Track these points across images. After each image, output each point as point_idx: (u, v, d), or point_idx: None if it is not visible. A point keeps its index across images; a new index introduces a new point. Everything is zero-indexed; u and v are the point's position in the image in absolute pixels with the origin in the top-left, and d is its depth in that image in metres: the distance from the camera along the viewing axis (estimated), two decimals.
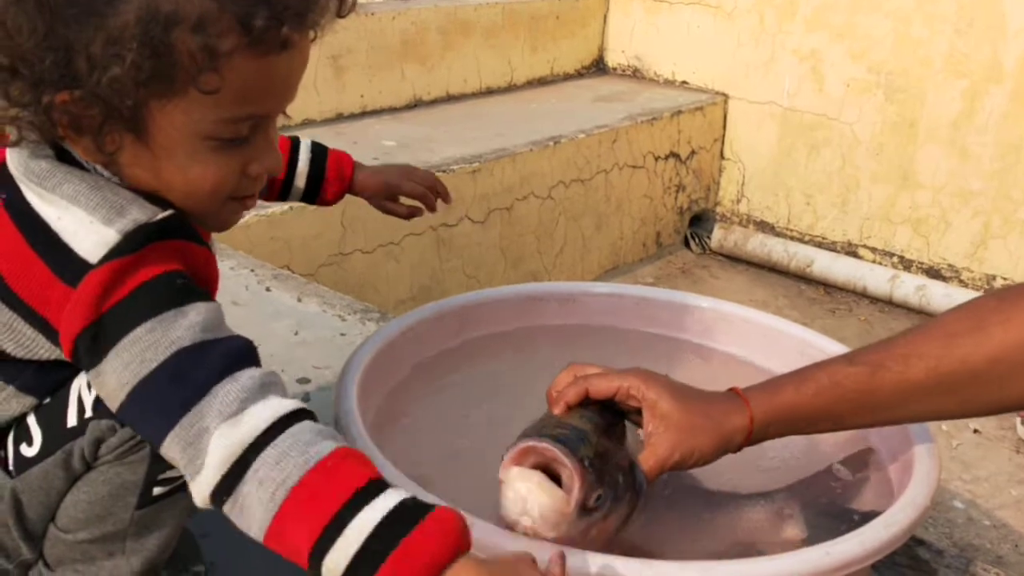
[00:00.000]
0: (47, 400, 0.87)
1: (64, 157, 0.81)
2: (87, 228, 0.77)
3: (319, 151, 1.22)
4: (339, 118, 2.83)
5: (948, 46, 2.81)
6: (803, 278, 3.16)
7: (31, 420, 0.88)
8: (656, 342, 1.45)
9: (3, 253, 0.80)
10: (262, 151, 0.83)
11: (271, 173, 0.85)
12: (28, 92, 0.75)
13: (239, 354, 0.77)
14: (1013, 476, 2.11)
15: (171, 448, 0.74)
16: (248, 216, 1.98)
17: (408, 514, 0.70)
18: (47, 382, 0.86)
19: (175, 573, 1.09)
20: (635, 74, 3.61)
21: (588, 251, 2.94)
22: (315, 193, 1.22)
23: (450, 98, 3.13)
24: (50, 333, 0.79)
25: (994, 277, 2.85)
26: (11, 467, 0.89)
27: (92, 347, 0.76)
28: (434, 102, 3.08)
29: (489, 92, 3.26)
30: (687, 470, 0.98)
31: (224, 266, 1.75)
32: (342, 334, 1.63)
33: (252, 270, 1.87)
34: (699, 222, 3.40)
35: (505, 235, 2.63)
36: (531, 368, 1.33)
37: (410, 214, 1.28)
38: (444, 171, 2.38)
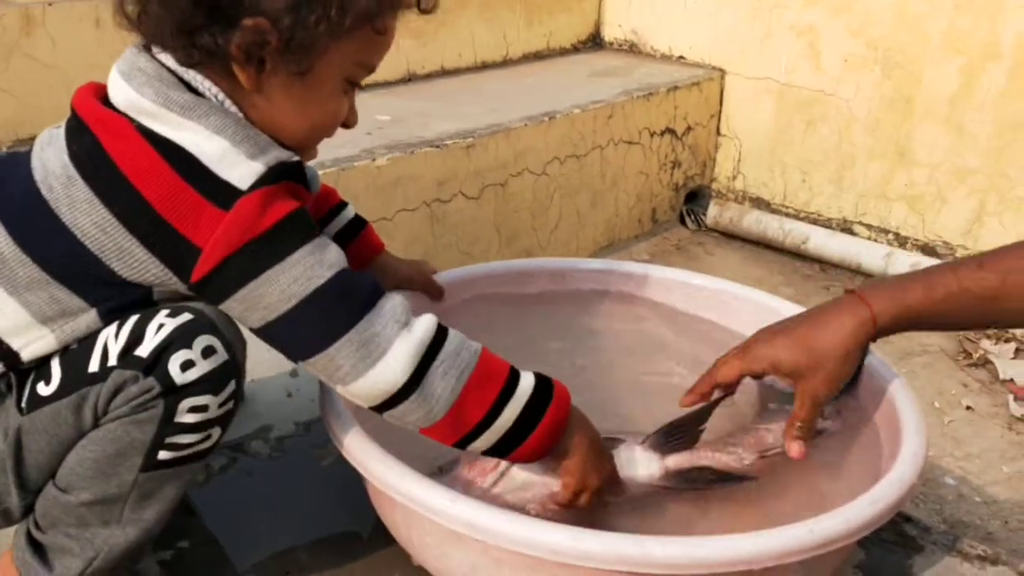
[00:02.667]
0: (73, 345, 0.89)
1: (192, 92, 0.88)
2: (233, 158, 0.85)
3: (359, 223, 1.30)
4: None
5: (947, 22, 2.79)
6: (798, 255, 3.15)
7: (54, 362, 0.90)
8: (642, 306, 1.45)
9: (150, 181, 0.84)
10: (353, 107, 0.99)
11: (352, 127, 1.01)
12: (223, 14, 0.85)
13: (379, 283, 0.92)
14: (1005, 453, 2.11)
15: (341, 350, 0.86)
16: None
17: (545, 386, 0.95)
18: (125, 310, 0.89)
19: (160, 548, 1.09)
20: (631, 49, 3.59)
21: (583, 227, 2.94)
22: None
23: (445, 72, 3.11)
24: (181, 255, 0.85)
25: None
26: (23, 404, 0.89)
27: (249, 265, 0.84)
28: (428, 76, 3.06)
29: (484, 67, 3.24)
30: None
31: None
32: None
33: None
34: (695, 198, 3.39)
35: (499, 211, 2.62)
36: (527, 336, 1.33)
37: None
38: (438, 146, 2.36)
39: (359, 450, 0.99)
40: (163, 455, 0.87)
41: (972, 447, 2.12)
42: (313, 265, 0.86)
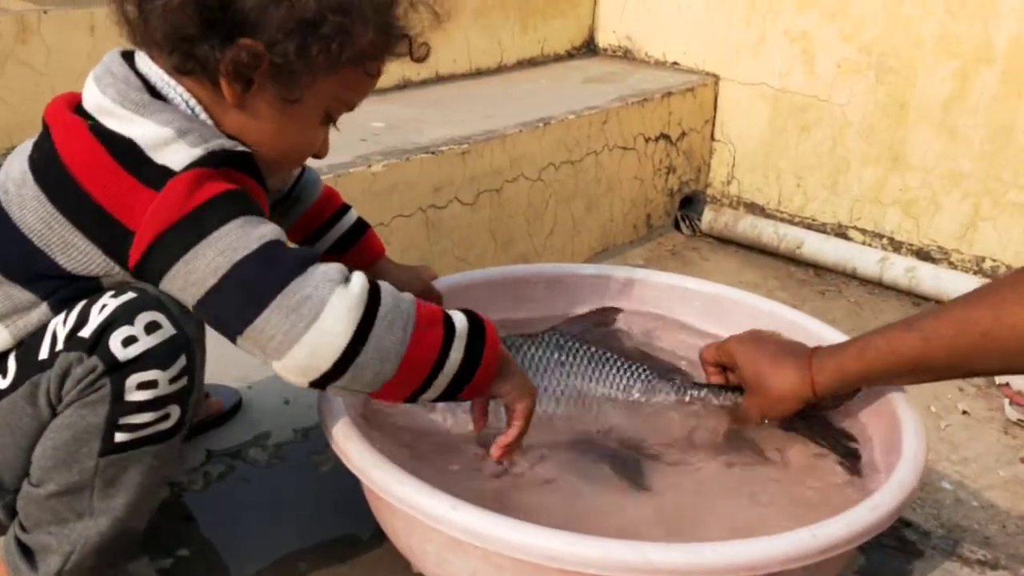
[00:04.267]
0: (28, 337, 0.90)
1: (155, 97, 0.90)
2: (173, 146, 0.86)
3: (361, 226, 1.32)
4: None
5: (940, 26, 2.80)
6: (793, 260, 3.15)
7: (11, 357, 0.91)
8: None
9: (92, 175, 0.86)
10: (327, 139, 1.01)
11: (321, 158, 1.02)
12: (221, 29, 0.86)
13: (316, 253, 0.90)
14: (1001, 457, 2.11)
15: (269, 319, 0.83)
16: None
17: (477, 323, 0.94)
18: (75, 299, 0.90)
19: (158, 556, 1.09)
20: (626, 55, 3.59)
21: (578, 233, 2.94)
22: (338, 253, 1.29)
23: (439, 79, 3.11)
24: (118, 242, 0.86)
25: (983, 259, 2.85)
26: None
27: (179, 241, 0.84)
28: (423, 83, 3.06)
29: (479, 73, 3.24)
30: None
31: None
32: None
33: None
34: (689, 204, 3.40)
35: (495, 217, 2.61)
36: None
37: None
38: (433, 152, 2.36)
39: (358, 456, 0.99)
40: (120, 437, 0.87)
41: (968, 451, 2.12)
42: (239, 237, 0.84)
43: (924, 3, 2.81)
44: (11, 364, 0.90)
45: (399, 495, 0.95)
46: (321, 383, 0.86)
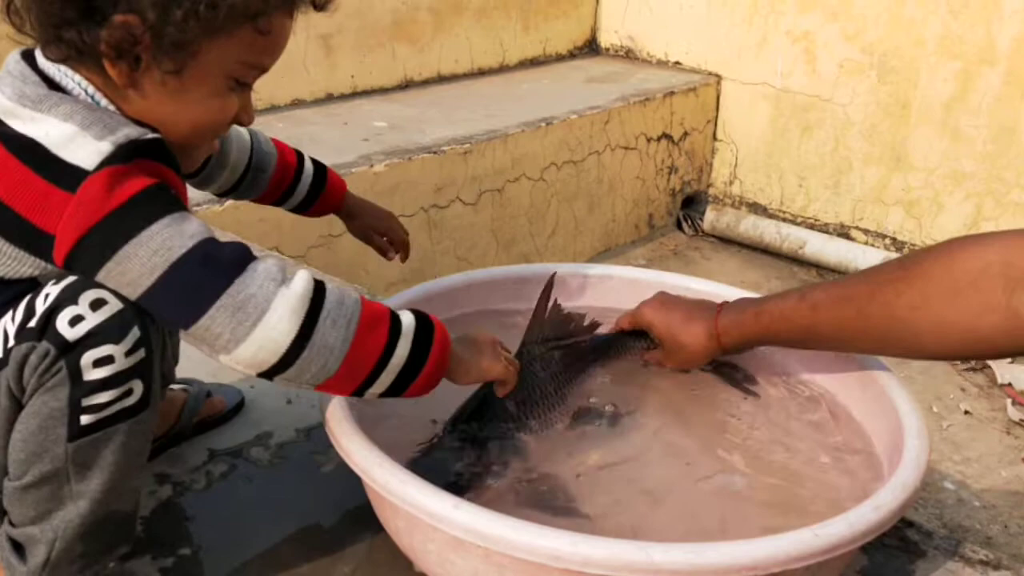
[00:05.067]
0: None
1: (54, 89, 0.88)
2: (79, 141, 0.84)
3: (320, 168, 1.33)
4: (329, 98, 2.81)
5: (942, 27, 2.80)
6: (796, 260, 3.15)
7: None
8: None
9: None
10: (248, 104, 0.95)
11: (247, 125, 0.99)
12: (87, 9, 0.83)
13: (250, 248, 0.88)
14: (1003, 457, 2.11)
15: (215, 318, 0.84)
16: None
17: (424, 319, 0.96)
18: (17, 300, 0.89)
19: (160, 556, 1.09)
20: (628, 55, 3.59)
21: (580, 233, 2.94)
22: (309, 205, 1.33)
23: (441, 79, 3.11)
24: (41, 245, 0.85)
25: None
26: None
27: (104, 242, 0.83)
28: (425, 83, 3.06)
29: (481, 73, 3.24)
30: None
31: None
32: None
33: None
34: (691, 204, 3.40)
35: (497, 217, 2.62)
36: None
37: (383, 251, 1.42)
38: (435, 152, 2.36)
39: (361, 456, 0.99)
40: (86, 419, 0.86)
41: (971, 451, 2.12)
42: (171, 236, 0.84)
43: (926, 3, 2.81)
44: None
45: (401, 494, 0.95)
46: (268, 375, 0.88)
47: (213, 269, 0.85)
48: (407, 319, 0.95)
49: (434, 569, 1.02)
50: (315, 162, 1.32)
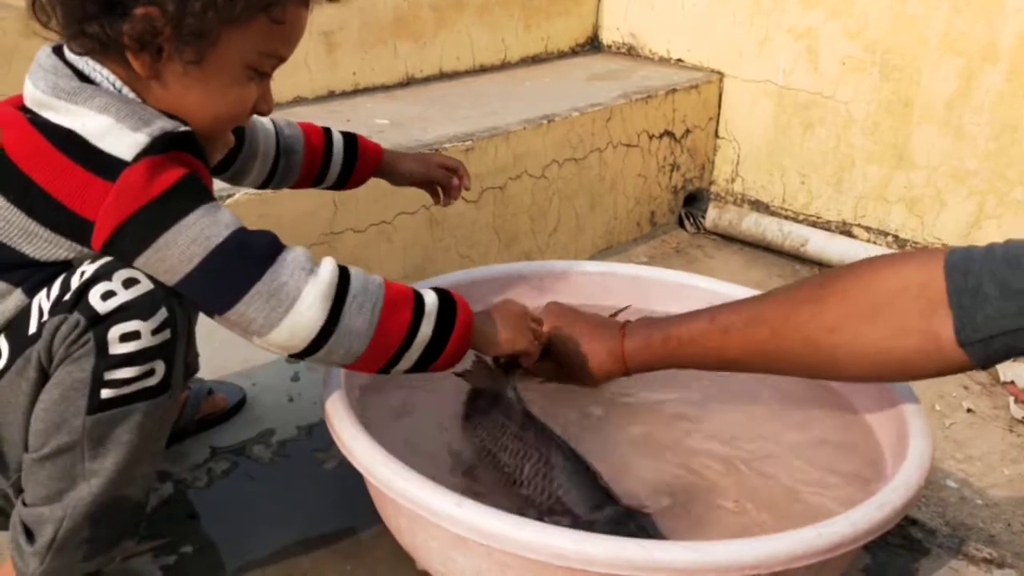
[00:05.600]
0: (15, 319, 0.92)
1: (84, 81, 0.91)
2: (116, 133, 0.87)
3: (351, 137, 1.33)
4: (331, 96, 2.81)
5: (944, 24, 2.79)
6: (798, 257, 3.15)
7: (2, 338, 0.92)
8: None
9: (37, 165, 0.89)
10: (267, 94, 0.99)
11: (267, 115, 1.02)
12: (109, 3, 0.86)
13: (278, 238, 0.93)
14: (1006, 455, 2.11)
15: (251, 305, 0.89)
16: (238, 194, 1.96)
17: (447, 297, 1.00)
18: (50, 280, 0.92)
19: (162, 553, 1.09)
20: (630, 52, 3.59)
21: (582, 230, 2.93)
22: (347, 178, 1.33)
23: (443, 76, 3.11)
24: (79, 231, 0.89)
25: None
26: None
27: (143, 229, 0.87)
28: (427, 80, 3.06)
29: (482, 70, 3.24)
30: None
31: None
32: None
33: None
34: (693, 201, 3.39)
35: (498, 214, 2.61)
36: None
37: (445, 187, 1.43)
38: (437, 149, 2.36)
39: (363, 453, 0.99)
40: (106, 393, 0.87)
41: (973, 450, 2.12)
42: (208, 225, 0.88)
43: (928, 1, 2.81)
44: (3, 345, 0.92)
45: (403, 492, 0.95)
46: (299, 357, 0.94)
47: (248, 258, 0.89)
48: (430, 299, 0.99)
49: (436, 567, 1.02)
50: (344, 133, 1.33)
